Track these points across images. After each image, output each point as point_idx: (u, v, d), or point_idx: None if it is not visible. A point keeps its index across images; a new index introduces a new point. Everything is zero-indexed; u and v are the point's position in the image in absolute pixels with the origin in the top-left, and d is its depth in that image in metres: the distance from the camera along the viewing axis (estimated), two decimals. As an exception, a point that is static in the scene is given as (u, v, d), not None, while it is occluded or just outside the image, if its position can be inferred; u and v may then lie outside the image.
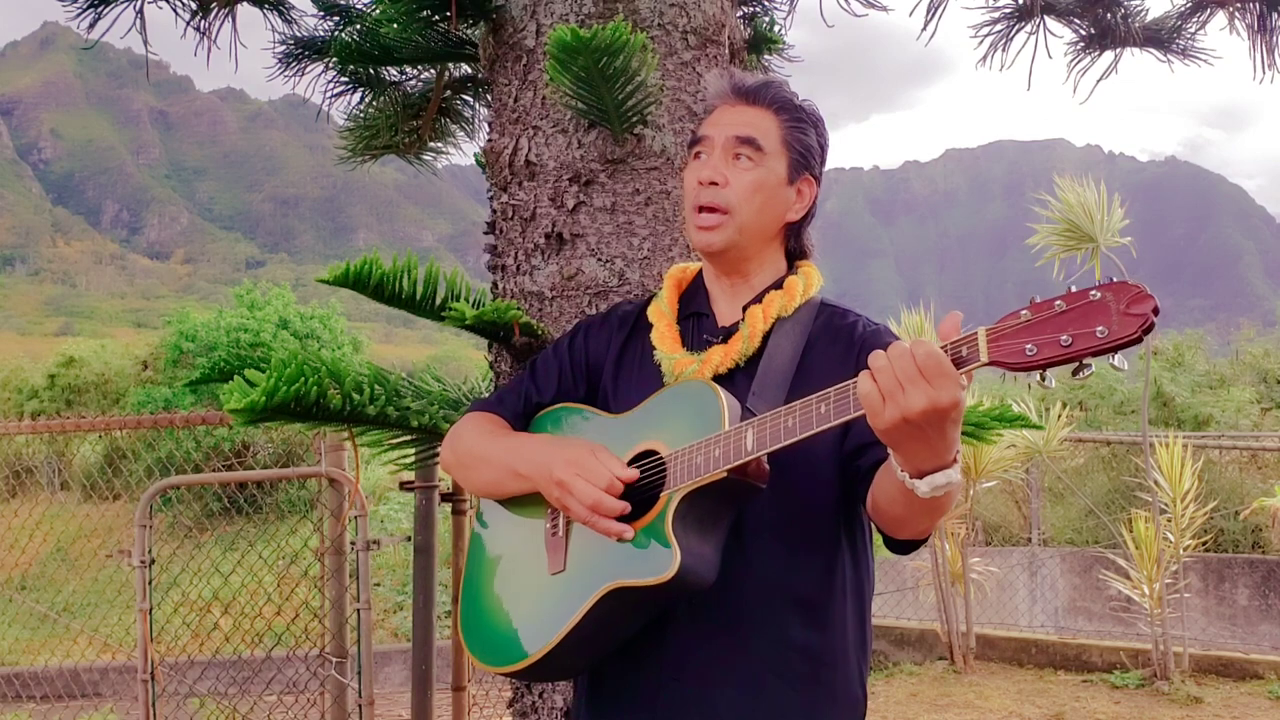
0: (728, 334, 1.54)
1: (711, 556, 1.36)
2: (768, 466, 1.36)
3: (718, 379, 1.47)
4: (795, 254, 1.64)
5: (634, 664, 1.47)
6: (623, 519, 1.36)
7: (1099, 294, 1.08)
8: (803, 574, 1.46)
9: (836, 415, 1.23)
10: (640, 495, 1.38)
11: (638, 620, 1.43)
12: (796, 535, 1.45)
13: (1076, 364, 1.09)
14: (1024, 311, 1.12)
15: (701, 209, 1.51)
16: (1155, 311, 1.06)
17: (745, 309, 1.54)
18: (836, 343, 1.53)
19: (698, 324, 1.59)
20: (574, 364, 1.64)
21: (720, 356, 1.50)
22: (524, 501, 1.53)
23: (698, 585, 1.34)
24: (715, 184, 1.50)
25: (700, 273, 1.66)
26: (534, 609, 1.46)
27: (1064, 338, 1.08)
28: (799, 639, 1.44)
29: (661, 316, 1.60)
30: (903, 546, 1.42)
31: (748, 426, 1.31)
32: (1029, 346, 1.10)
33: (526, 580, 1.50)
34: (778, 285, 1.57)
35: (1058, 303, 1.10)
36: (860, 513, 1.50)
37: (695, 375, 1.48)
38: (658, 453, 1.40)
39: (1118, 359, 1.09)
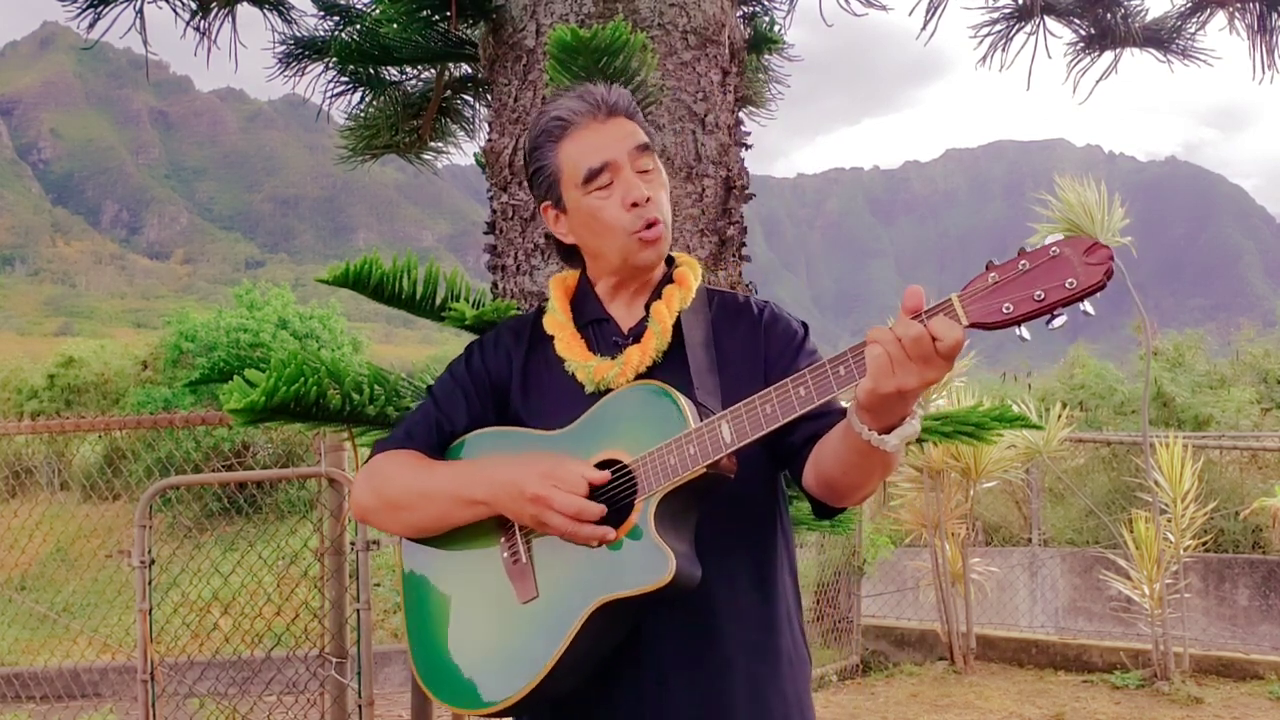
0: (637, 335, 1.55)
1: (691, 553, 1.37)
2: (735, 456, 1.37)
3: (639, 378, 1.48)
4: None
5: (612, 674, 1.45)
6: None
7: (1058, 250, 1.16)
8: (752, 551, 1.50)
9: (819, 395, 1.28)
10: (609, 505, 1.37)
11: (622, 631, 1.41)
12: (743, 515, 1.49)
13: (1049, 315, 1.17)
14: (991, 274, 1.19)
15: (648, 226, 1.50)
16: (1110, 258, 1.15)
17: (648, 306, 1.55)
18: (738, 323, 1.57)
19: (598, 330, 1.57)
20: (478, 387, 1.58)
21: (639, 356, 1.50)
22: (465, 535, 1.48)
23: (689, 585, 1.34)
24: (644, 202, 1.50)
25: (582, 280, 1.63)
26: (511, 642, 1.42)
27: (1037, 293, 1.16)
28: (756, 614, 1.49)
29: (562, 327, 1.57)
30: (831, 513, 1.49)
31: (720, 420, 1.33)
32: (1006, 305, 1.17)
33: (493, 615, 1.44)
34: (666, 280, 1.58)
35: (1021, 263, 1.18)
36: (781, 483, 1.57)
37: (618, 377, 1.49)
38: (618, 461, 1.39)
39: (1087, 305, 1.17)
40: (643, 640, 1.44)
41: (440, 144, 3.34)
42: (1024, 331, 1.19)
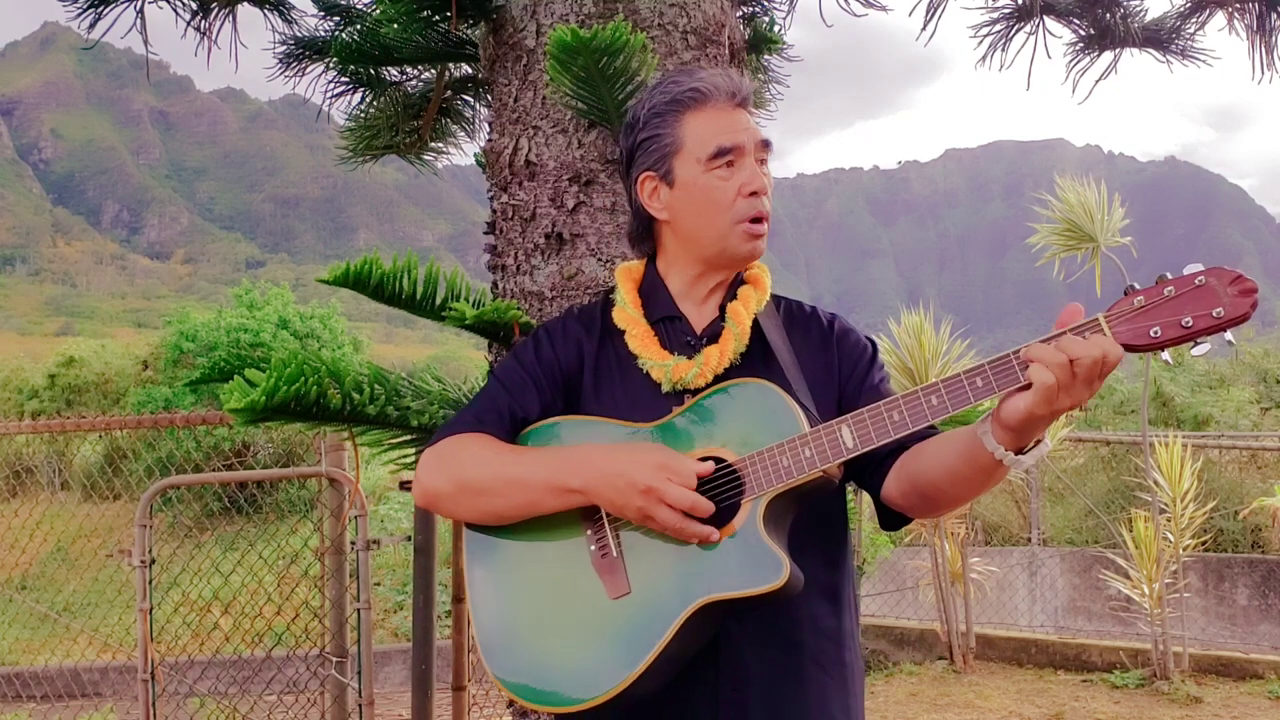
0: (711, 335, 1.52)
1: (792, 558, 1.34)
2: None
3: (717, 380, 1.46)
4: None
5: (690, 677, 1.40)
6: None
7: (1204, 279, 1.19)
8: (826, 562, 1.48)
9: (954, 406, 1.27)
10: (711, 501, 1.34)
11: (710, 634, 1.38)
12: (819, 524, 1.47)
13: (1193, 342, 1.21)
14: (1137, 298, 1.22)
15: (756, 219, 1.48)
16: (1255, 290, 1.19)
17: (723, 307, 1.53)
18: (809, 332, 1.57)
19: (670, 328, 1.54)
20: (549, 376, 1.53)
21: (717, 357, 1.48)
22: (544, 526, 1.42)
23: (796, 589, 1.31)
24: (764, 193, 1.49)
25: (649, 271, 1.59)
26: (602, 639, 1.36)
27: (1185, 320, 1.19)
28: (829, 626, 1.47)
29: (634, 322, 1.53)
30: (902, 524, 1.50)
31: (841, 424, 1.31)
32: (1154, 329, 1.20)
33: (580, 610, 1.39)
34: (739, 281, 1.56)
35: (1167, 289, 1.21)
36: (846, 493, 1.57)
37: (697, 378, 1.46)
38: (719, 459, 1.36)
39: (1230, 334, 1.21)
40: (724, 645, 1.41)
41: (440, 144, 3.34)
42: (1168, 356, 1.23)
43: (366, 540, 3.67)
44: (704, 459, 1.36)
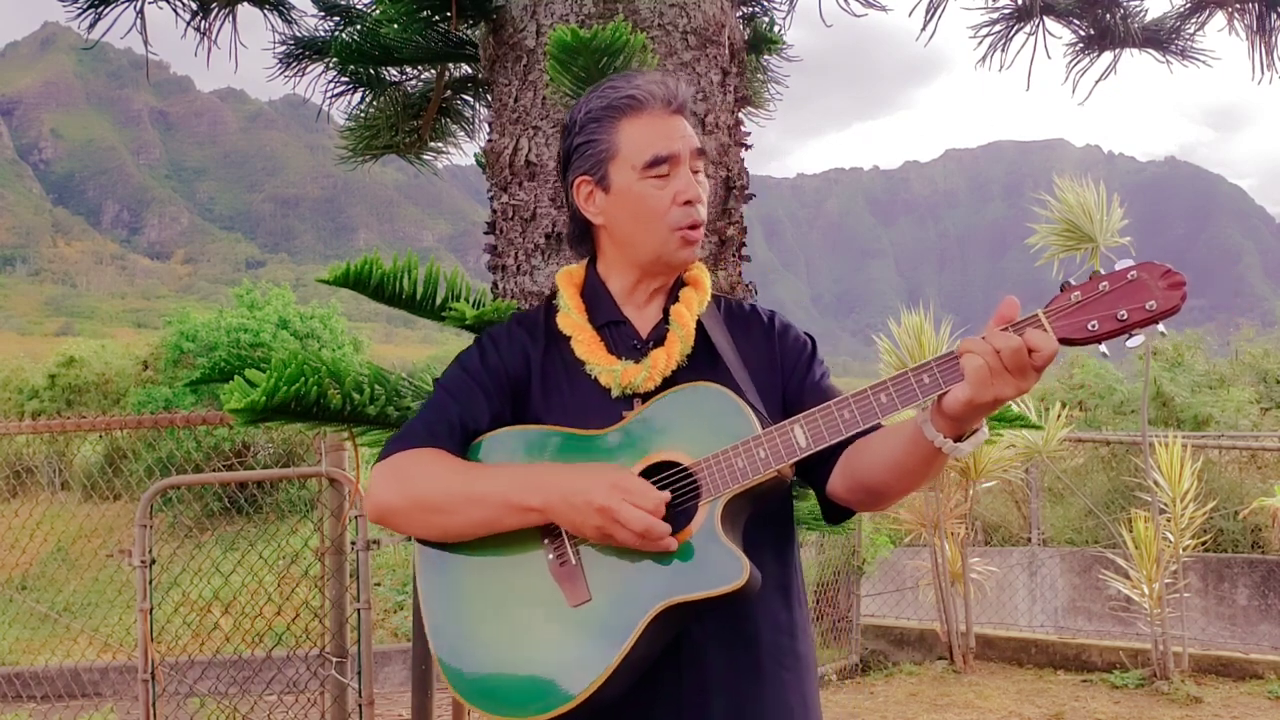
0: (657, 339, 1.52)
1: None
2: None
3: (665, 383, 1.47)
4: None
5: (652, 680, 1.40)
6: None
7: (1135, 274, 1.25)
8: (777, 557, 1.50)
9: (903, 403, 1.30)
10: (667, 508, 1.34)
11: (672, 636, 1.38)
12: (769, 522, 1.48)
13: (1128, 334, 1.26)
14: (1073, 294, 1.26)
15: (692, 227, 1.49)
16: (1185, 283, 1.25)
17: (667, 309, 1.54)
18: (751, 331, 1.58)
19: (615, 332, 1.54)
20: (496, 383, 1.51)
21: (664, 360, 1.48)
22: (499, 539, 1.41)
23: (756, 589, 1.32)
24: (697, 201, 1.49)
25: (590, 274, 1.59)
26: (564, 647, 1.36)
27: (1120, 313, 1.24)
28: (784, 621, 1.49)
29: (579, 328, 1.52)
30: (845, 517, 1.54)
31: (794, 424, 1.33)
32: (1091, 323, 1.25)
33: (541, 619, 1.38)
34: (679, 284, 1.57)
35: (1101, 284, 1.25)
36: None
37: (646, 381, 1.47)
38: (673, 463, 1.38)
39: (1161, 325, 1.27)
40: (686, 646, 1.42)
41: (440, 144, 3.34)
42: (1105, 349, 1.28)
43: (366, 540, 3.67)
44: (660, 463, 1.38)
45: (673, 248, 1.50)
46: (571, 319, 1.54)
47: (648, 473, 1.38)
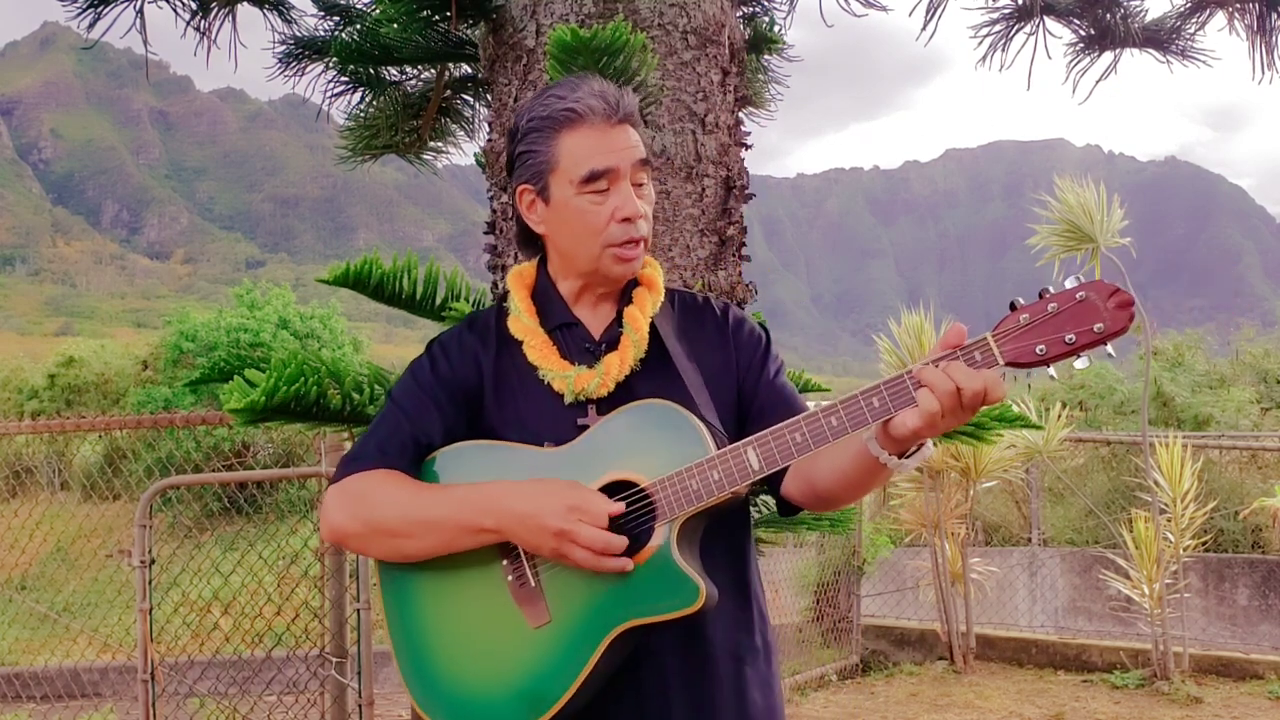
0: (610, 342, 1.51)
1: (705, 574, 1.36)
2: None
3: (619, 387, 1.47)
4: None
5: (613, 692, 1.41)
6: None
7: (1084, 294, 1.23)
8: (732, 559, 1.51)
9: (853, 426, 1.30)
10: (625, 529, 1.36)
11: (629, 650, 1.40)
12: (724, 525, 1.49)
13: (1075, 356, 1.24)
14: (1022, 315, 1.25)
15: (629, 244, 1.47)
16: (1133, 303, 1.23)
17: (621, 311, 1.52)
18: (704, 326, 1.57)
19: (567, 335, 1.52)
20: (448, 394, 1.50)
21: (617, 365, 1.47)
22: (458, 558, 1.41)
23: (712, 607, 1.35)
24: (635, 219, 1.46)
25: (542, 277, 1.57)
26: (526, 668, 1.38)
27: (1068, 336, 1.22)
28: (741, 617, 1.50)
29: (531, 332, 1.51)
30: (796, 512, 1.54)
31: (747, 446, 1.34)
32: (1039, 347, 1.24)
33: (502, 641, 1.40)
34: (633, 284, 1.55)
35: (1050, 305, 1.24)
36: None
37: (600, 387, 1.46)
38: (630, 484, 1.37)
39: (1109, 347, 1.25)
40: (644, 658, 1.42)
41: (440, 144, 3.34)
42: (1053, 371, 1.26)
43: (366, 540, 3.66)
44: (615, 483, 1.38)
45: (608, 263, 1.47)
46: (523, 323, 1.52)
47: (605, 492, 1.38)
